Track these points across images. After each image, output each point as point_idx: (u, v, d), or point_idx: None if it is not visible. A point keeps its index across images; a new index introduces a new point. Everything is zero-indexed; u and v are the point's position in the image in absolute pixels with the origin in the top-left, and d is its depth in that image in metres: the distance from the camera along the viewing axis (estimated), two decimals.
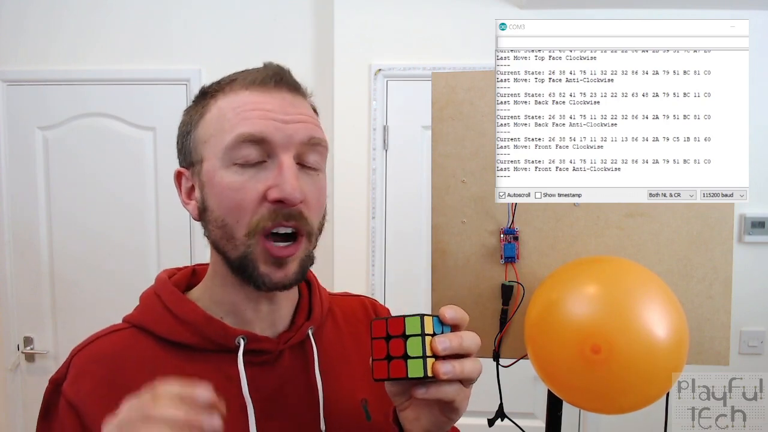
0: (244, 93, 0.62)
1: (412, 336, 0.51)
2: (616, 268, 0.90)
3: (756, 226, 1.96)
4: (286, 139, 0.60)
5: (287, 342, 0.67)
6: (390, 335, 0.52)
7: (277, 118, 0.60)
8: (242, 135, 0.59)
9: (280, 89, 0.63)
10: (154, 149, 2.13)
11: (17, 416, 2.21)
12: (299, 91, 0.65)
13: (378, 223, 2.06)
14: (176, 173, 0.68)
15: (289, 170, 0.59)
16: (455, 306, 0.54)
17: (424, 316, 0.51)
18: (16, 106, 2.13)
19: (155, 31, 2.10)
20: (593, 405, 0.88)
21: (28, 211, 2.15)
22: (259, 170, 0.60)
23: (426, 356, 0.50)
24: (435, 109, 1.07)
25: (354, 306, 0.80)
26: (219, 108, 0.63)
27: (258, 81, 0.62)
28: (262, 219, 0.60)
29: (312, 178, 0.63)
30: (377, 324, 0.53)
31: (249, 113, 0.60)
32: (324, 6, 2.06)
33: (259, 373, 0.64)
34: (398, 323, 0.51)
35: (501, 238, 1.05)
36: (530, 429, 1.09)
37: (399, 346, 0.51)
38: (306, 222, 0.61)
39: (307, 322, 0.69)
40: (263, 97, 0.62)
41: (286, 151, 0.60)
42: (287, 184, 0.58)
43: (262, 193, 0.60)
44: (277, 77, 0.63)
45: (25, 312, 2.19)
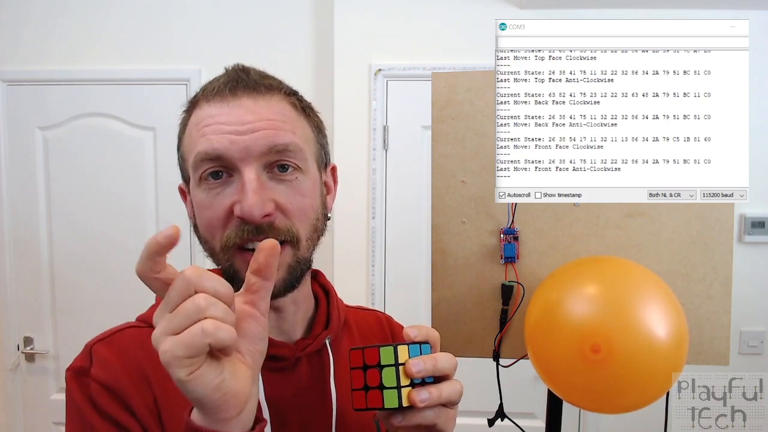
0: (205, 107, 0.61)
1: (386, 366, 0.50)
2: (616, 268, 0.90)
3: (756, 226, 1.96)
4: (243, 152, 0.57)
5: (304, 350, 0.66)
6: (366, 365, 0.51)
7: (231, 130, 0.58)
8: (199, 153, 0.58)
9: (237, 96, 0.60)
10: (154, 149, 2.13)
11: (17, 416, 2.21)
12: (260, 90, 0.61)
13: (378, 223, 2.06)
14: (179, 189, 0.68)
15: (248, 185, 0.57)
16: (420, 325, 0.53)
17: (398, 346, 0.50)
18: (16, 106, 2.13)
19: (155, 31, 2.10)
20: (593, 405, 0.88)
21: (28, 211, 2.15)
22: (226, 186, 0.59)
23: (401, 386, 0.49)
24: (435, 109, 1.07)
25: (370, 320, 0.81)
26: (190, 124, 0.62)
27: (215, 91, 0.60)
28: (230, 236, 0.59)
29: (289, 184, 0.61)
30: (355, 354, 0.53)
31: (205, 129, 0.59)
32: (324, 6, 2.06)
33: (275, 379, 0.64)
34: (373, 353, 0.51)
35: (501, 238, 1.05)
36: (530, 429, 1.09)
37: (375, 377, 0.51)
38: (280, 232, 0.59)
39: (325, 332, 0.69)
40: (220, 109, 0.59)
41: (247, 165, 0.58)
42: (245, 202, 0.56)
43: (229, 208, 0.58)
44: (232, 83, 0.60)
45: (25, 312, 2.19)
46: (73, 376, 0.61)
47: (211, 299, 0.41)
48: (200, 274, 0.42)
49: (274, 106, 0.61)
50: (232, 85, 0.60)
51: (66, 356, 2.18)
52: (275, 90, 0.62)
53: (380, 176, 2.06)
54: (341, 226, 2.01)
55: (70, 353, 2.24)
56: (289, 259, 0.61)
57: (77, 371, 0.61)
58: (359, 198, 2.04)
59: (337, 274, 2.01)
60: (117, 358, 0.61)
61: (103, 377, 0.59)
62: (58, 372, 2.19)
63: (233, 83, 0.60)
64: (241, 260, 0.59)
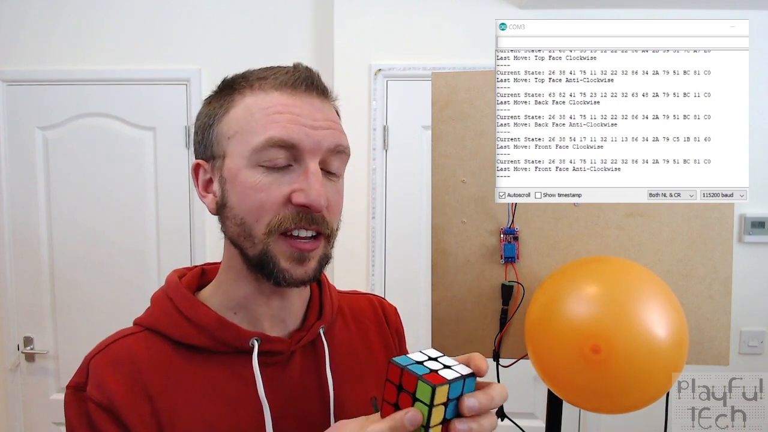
0: (274, 94, 0.62)
1: (419, 401, 0.48)
2: (616, 268, 0.90)
3: (756, 226, 1.96)
4: (314, 146, 0.61)
5: (299, 342, 0.67)
6: (402, 387, 0.50)
7: (307, 123, 0.61)
8: (272, 139, 0.59)
9: (310, 94, 0.63)
10: (154, 149, 2.13)
11: (17, 416, 2.21)
12: (327, 96, 0.66)
13: (378, 223, 2.06)
14: (194, 165, 0.67)
15: (314, 176, 0.60)
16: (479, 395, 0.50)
17: (437, 387, 0.47)
18: (16, 106, 2.13)
19: (155, 31, 2.10)
20: (593, 405, 0.88)
21: (28, 211, 2.15)
22: (285, 173, 0.61)
23: (429, 426, 0.47)
24: (435, 109, 1.07)
25: (363, 304, 0.81)
26: (246, 105, 0.62)
27: (289, 83, 0.62)
28: (284, 220, 0.60)
29: (334, 184, 0.65)
30: (393, 368, 0.50)
31: (278, 116, 0.60)
32: (324, 6, 2.06)
33: (272, 374, 0.65)
34: (411, 380, 0.49)
35: (501, 238, 1.05)
36: (530, 429, 1.09)
37: (407, 402, 0.49)
38: (326, 225, 0.63)
39: (318, 322, 0.70)
40: (293, 101, 0.61)
41: (313, 157, 0.61)
42: (313, 191, 0.59)
43: (287, 195, 0.60)
44: (308, 81, 0.63)
45: (25, 312, 2.19)
46: (71, 394, 0.62)
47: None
48: None
49: (333, 112, 0.66)
50: (307, 83, 0.62)
51: (66, 356, 2.18)
52: (331, 99, 0.67)
53: (380, 176, 2.06)
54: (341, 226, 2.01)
55: (70, 353, 2.24)
56: (324, 251, 0.65)
57: (75, 388, 0.61)
58: (359, 198, 2.04)
59: (337, 273, 2.01)
60: (113, 371, 0.61)
61: (98, 397, 0.59)
62: (58, 372, 2.19)
63: (308, 81, 0.63)
64: (284, 244, 0.61)
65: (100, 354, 0.63)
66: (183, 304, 0.65)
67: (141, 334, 0.65)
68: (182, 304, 0.65)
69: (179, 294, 0.66)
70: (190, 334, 0.64)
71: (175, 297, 0.66)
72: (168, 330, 0.64)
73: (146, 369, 0.62)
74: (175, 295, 0.66)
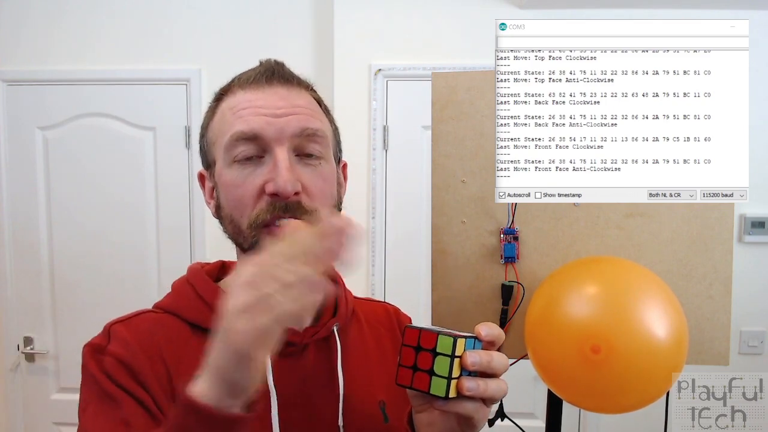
0: (239, 93, 0.66)
1: (441, 354, 0.51)
2: (616, 268, 0.90)
3: (756, 226, 1.96)
4: (277, 133, 0.63)
5: (313, 336, 0.68)
6: (420, 347, 0.52)
7: (268, 113, 0.63)
8: (236, 134, 0.63)
9: (273, 85, 0.65)
10: (154, 149, 2.13)
11: (17, 416, 2.21)
12: (293, 83, 0.67)
13: (378, 223, 2.06)
14: (199, 175, 0.72)
15: (281, 163, 0.61)
16: (491, 323, 0.54)
17: (458, 338, 0.51)
18: (16, 106, 2.13)
19: (155, 31, 2.10)
20: (593, 405, 0.89)
21: (28, 211, 2.15)
22: (258, 166, 0.64)
23: (451, 377, 0.50)
24: (435, 109, 1.07)
25: (378, 311, 0.82)
26: (221, 110, 0.67)
27: (251, 79, 0.66)
28: (261, 212, 0.63)
29: (314, 168, 0.65)
30: (410, 332, 0.53)
31: (242, 112, 0.64)
32: (324, 6, 2.06)
33: (284, 364, 0.65)
34: (431, 338, 0.52)
35: (501, 238, 1.05)
36: (530, 429, 1.09)
37: (427, 360, 0.51)
38: (306, 212, 0.63)
39: (333, 319, 0.71)
40: (256, 95, 0.65)
41: (280, 145, 0.63)
42: (279, 177, 0.61)
43: (260, 187, 0.63)
44: (268, 73, 0.66)
45: (25, 312, 2.18)
46: (90, 352, 0.63)
47: None
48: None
49: (304, 98, 0.67)
50: (267, 75, 0.66)
51: (66, 356, 2.18)
52: (304, 86, 0.69)
53: (380, 176, 2.06)
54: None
55: (70, 353, 2.25)
56: None
57: (94, 348, 0.63)
58: (359, 198, 2.04)
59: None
60: (134, 337, 0.64)
61: (119, 352, 0.62)
62: (58, 372, 2.19)
63: (269, 73, 0.66)
64: (268, 236, 0.62)
65: (122, 323, 0.66)
66: (203, 288, 0.68)
67: (160, 315, 0.68)
68: (202, 288, 0.68)
69: (201, 280, 0.69)
70: (208, 318, 0.64)
71: (196, 283, 0.69)
72: (187, 313, 0.67)
73: (164, 343, 0.64)
74: (197, 281, 0.69)
